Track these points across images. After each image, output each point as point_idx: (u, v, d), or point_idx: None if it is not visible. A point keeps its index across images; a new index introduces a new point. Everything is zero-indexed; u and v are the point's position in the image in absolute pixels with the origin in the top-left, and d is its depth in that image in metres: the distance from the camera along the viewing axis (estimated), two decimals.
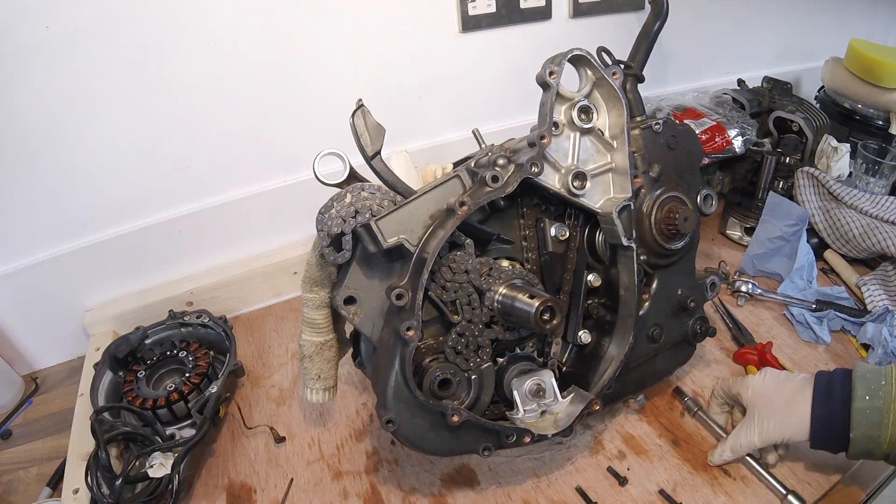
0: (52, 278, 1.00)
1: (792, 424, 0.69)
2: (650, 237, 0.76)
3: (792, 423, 0.69)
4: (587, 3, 1.19)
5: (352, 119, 0.68)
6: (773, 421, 0.70)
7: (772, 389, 0.72)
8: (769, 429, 0.70)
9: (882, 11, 1.64)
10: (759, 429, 0.71)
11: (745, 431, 0.73)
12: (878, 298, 0.98)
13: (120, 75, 0.91)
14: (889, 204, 1.06)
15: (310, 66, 1.03)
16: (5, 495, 0.83)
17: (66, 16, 0.84)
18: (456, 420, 0.65)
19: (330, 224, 0.65)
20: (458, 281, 0.67)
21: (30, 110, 0.88)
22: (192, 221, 1.06)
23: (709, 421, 0.81)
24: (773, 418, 0.70)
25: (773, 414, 0.71)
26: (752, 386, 0.74)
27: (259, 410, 0.91)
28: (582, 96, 0.69)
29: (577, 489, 0.76)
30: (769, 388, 0.73)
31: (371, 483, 0.79)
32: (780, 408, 0.70)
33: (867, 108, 1.29)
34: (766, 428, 0.71)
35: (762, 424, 0.71)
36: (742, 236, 1.20)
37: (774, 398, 0.71)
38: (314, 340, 0.73)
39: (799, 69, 1.57)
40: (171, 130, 0.98)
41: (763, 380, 0.74)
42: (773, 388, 0.73)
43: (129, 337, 0.94)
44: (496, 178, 0.65)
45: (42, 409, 0.98)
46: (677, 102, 1.26)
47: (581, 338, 0.77)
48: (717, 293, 0.85)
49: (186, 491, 0.78)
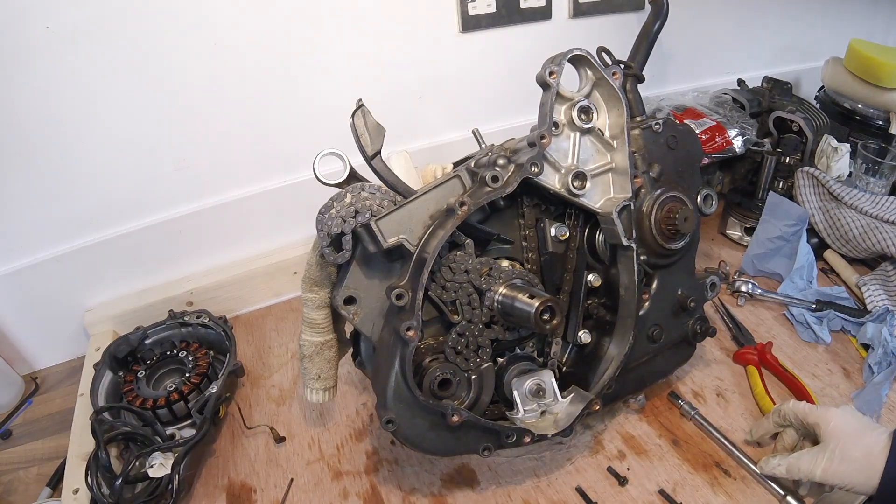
0: (52, 278, 1.00)
1: (863, 472, 0.66)
2: (650, 237, 0.76)
3: (863, 470, 0.66)
4: (587, 3, 1.19)
5: (352, 119, 0.68)
6: (845, 465, 0.67)
7: (854, 432, 0.69)
8: (838, 471, 0.67)
9: (882, 11, 1.64)
10: (827, 465, 0.68)
11: (812, 460, 0.69)
12: (878, 298, 0.98)
13: (120, 75, 0.91)
14: (889, 204, 1.06)
15: (310, 67, 1.03)
16: (5, 495, 0.83)
17: (66, 16, 0.84)
18: (456, 420, 0.65)
19: (330, 224, 0.65)
20: (458, 281, 0.67)
21: (30, 110, 0.88)
22: (192, 221, 1.06)
23: (706, 424, 0.81)
24: (846, 463, 0.67)
25: (848, 458, 0.67)
26: (834, 421, 0.70)
27: (259, 410, 0.91)
28: (582, 96, 0.69)
29: (577, 489, 0.76)
30: (851, 429, 0.69)
31: (371, 483, 0.79)
32: (856, 455, 0.67)
33: (867, 108, 1.29)
34: (835, 468, 0.67)
35: (833, 464, 0.67)
36: (742, 236, 1.20)
37: (856, 443, 0.68)
38: (314, 340, 0.73)
39: (799, 69, 1.57)
40: (171, 130, 0.98)
41: (844, 415, 0.71)
42: (855, 427, 0.69)
43: (129, 337, 0.94)
44: (496, 178, 0.65)
45: (42, 409, 0.98)
46: (677, 102, 1.26)
47: (581, 338, 0.77)
48: (717, 293, 0.85)
49: (186, 491, 0.78)
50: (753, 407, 0.85)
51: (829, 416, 0.71)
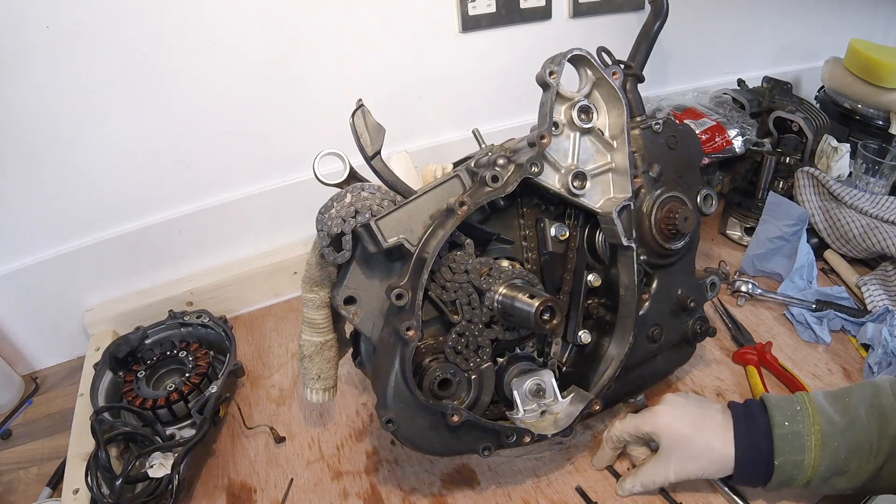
0: (52, 278, 1.00)
1: (715, 464, 0.67)
2: (650, 237, 0.76)
3: (714, 460, 0.67)
4: (587, 3, 1.19)
5: (352, 119, 0.68)
6: (691, 462, 0.67)
7: (687, 425, 0.68)
8: (687, 468, 0.68)
9: (882, 11, 1.64)
10: (676, 468, 0.68)
11: (661, 468, 0.69)
12: (878, 298, 0.98)
13: (120, 75, 0.91)
14: (889, 204, 1.06)
15: (310, 66, 1.03)
16: (5, 495, 0.83)
17: (66, 16, 0.84)
18: (456, 420, 0.65)
19: (330, 224, 0.65)
20: (458, 281, 0.67)
21: (30, 110, 0.88)
22: (192, 221, 1.06)
23: None
24: (692, 459, 0.67)
25: (691, 453, 0.67)
26: (661, 421, 0.70)
27: (259, 410, 0.91)
28: (582, 96, 0.69)
29: (577, 489, 0.76)
30: (684, 423, 0.69)
31: (371, 483, 0.79)
32: (698, 446, 0.67)
33: (867, 108, 1.29)
34: (683, 467, 0.68)
35: (679, 464, 0.68)
36: (742, 236, 1.20)
37: (692, 436, 0.68)
38: (314, 340, 0.73)
39: (799, 69, 1.57)
40: (171, 130, 0.98)
41: (673, 413, 0.70)
42: (688, 422, 0.69)
43: (129, 337, 0.94)
44: (496, 178, 0.65)
45: (42, 409, 0.98)
46: (677, 102, 1.26)
47: (581, 338, 0.77)
48: (717, 293, 0.85)
49: (186, 491, 0.78)
50: None
51: (658, 421, 0.70)
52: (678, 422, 0.69)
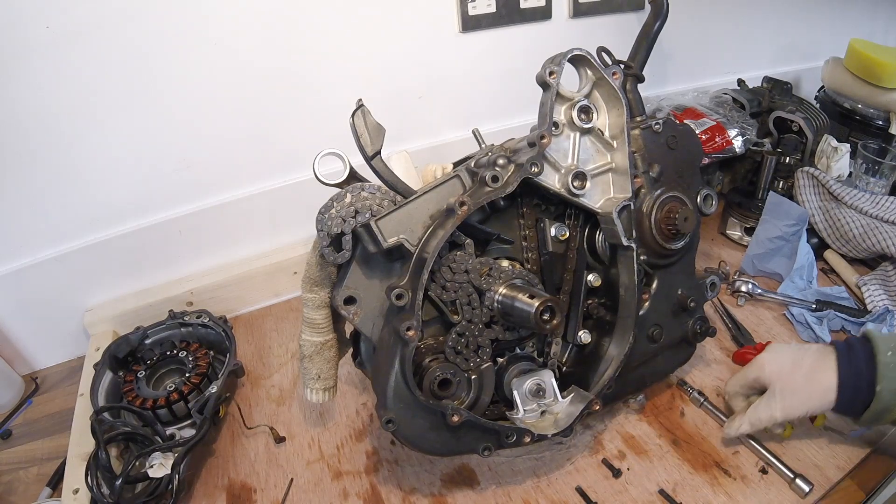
0: (53, 278, 1.00)
1: (816, 394, 0.69)
2: (650, 237, 0.76)
3: (816, 393, 0.69)
4: (587, 3, 1.19)
5: (352, 119, 0.68)
6: (795, 395, 0.70)
7: (788, 363, 0.72)
8: (792, 403, 0.70)
9: (882, 11, 1.64)
10: (782, 404, 0.71)
11: (766, 406, 0.72)
12: (878, 298, 0.98)
13: (120, 75, 0.91)
14: (889, 204, 1.06)
15: (310, 66, 1.03)
16: (5, 495, 0.83)
17: (66, 16, 0.84)
18: (456, 420, 0.65)
19: (330, 224, 0.65)
20: (458, 281, 0.67)
21: (30, 110, 0.88)
22: (192, 221, 1.06)
23: (716, 412, 0.82)
24: (796, 393, 0.70)
25: (795, 388, 0.71)
26: (766, 364, 0.74)
27: (259, 410, 0.91)
28: (582, 96, 0.69)
29: (577, 489, 0.76)
30: (785, 362, 0.73)
31: (371, 483, 0.79)
32: (801, 381, 0.71)
33: (867, 108, 1.29)
34: (788, 403, 0.71)
35: (784, 400, 0.71)
36: (742, 236, 1.20)
37: (794, 372, 0.71)
38: (314, 340, 0.73)
39: (799, 69, 1.57)
40: (171, 130, 0.98)
41: (775, 355, 0.75)
42: (789, 362, 0.73)
43: (129, 337, 0.94)
44: (496, 178, 0.65)
45: (42, 409, 0.98)
46: (677, 102, 1.26)
47: (581, 338, 0.77)
48: (717, 293, 0.85)
49: (186, 491, 0.78)
50: None
51: (763, 364, 0.75)
52: (781, 362, 0.73)
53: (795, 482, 0.72)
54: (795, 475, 0.73)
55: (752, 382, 0.76)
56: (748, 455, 0.78)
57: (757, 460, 0.77)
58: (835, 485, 0.74)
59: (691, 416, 0.85)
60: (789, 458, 0.76)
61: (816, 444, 0.78)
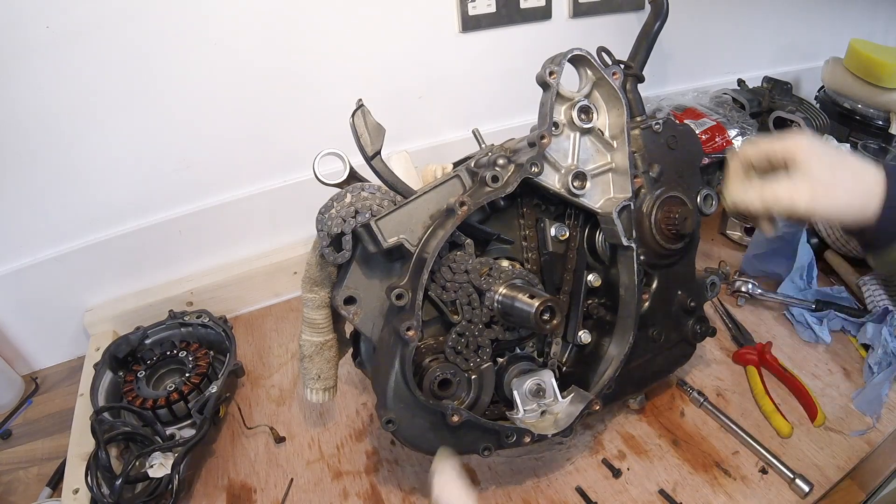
0: (53, 278, 1.00)
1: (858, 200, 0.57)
2: (650, 237, 0.76)
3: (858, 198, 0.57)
4: (587, 3, 1.19)
5: (352, 119, 0.68)
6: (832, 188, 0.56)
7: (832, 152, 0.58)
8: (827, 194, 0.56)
9: (882, 11, 1.64)
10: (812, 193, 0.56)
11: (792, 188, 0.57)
12: (878, 298, 0.98)
13: (120, 75, 0.91)
14: None
15: (310, 66, 1.03)
16: (5, 495, 0.83)
17: (66, 16, 0.84)
18: (456, 420, 0.65)
19: (330, 224, 0.65)
20: (458, 281, 0.67)
21: (30, 110, 0.88)
22: (192, 221, 1.06)
23: (716, 412, 0.82)
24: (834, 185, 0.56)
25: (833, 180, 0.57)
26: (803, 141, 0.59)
27: (259, 410, 0.91)
28: (582, 96, 0.69)
29: (577, 489, 0.76)
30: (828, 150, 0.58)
31: (371, 483, 0.79)
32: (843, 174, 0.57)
33: (867, 108, 1.29)
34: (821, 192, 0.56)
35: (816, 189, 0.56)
36: (742, 236, 1.20)
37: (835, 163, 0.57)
38: (314, 340, 0.73)
39: (799, 69, 1.58)
40: (171, 130, 0.98)
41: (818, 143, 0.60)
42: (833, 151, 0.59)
43: (129, 337, 0.94)
44: (496, 178, 0.65)
45: (42, 409, 0.98)
46: (677, 102, 1.26)
47: (581, 338, 0.77)
48: (717, 293, 0.85)
49: (186, 491, 0.78)
50: (753, 407, 0.85)
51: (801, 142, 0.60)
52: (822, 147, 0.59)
53: (795, 482, 0.72)
54: (795, 475, 0.73)
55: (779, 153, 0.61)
56: (748, 455, 0.78)
57: (757, 460, 0.77)
58: (835, 485, 0.74)
59: (691, 416, 0.85)
60: (789, 458, 0.76)
61: (816, 444, 0.78)
